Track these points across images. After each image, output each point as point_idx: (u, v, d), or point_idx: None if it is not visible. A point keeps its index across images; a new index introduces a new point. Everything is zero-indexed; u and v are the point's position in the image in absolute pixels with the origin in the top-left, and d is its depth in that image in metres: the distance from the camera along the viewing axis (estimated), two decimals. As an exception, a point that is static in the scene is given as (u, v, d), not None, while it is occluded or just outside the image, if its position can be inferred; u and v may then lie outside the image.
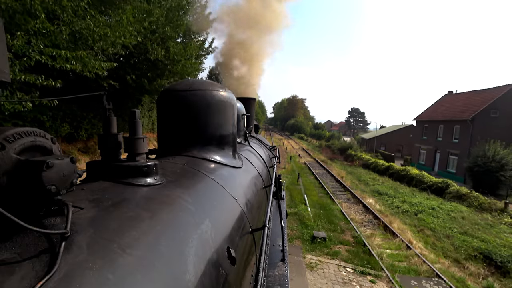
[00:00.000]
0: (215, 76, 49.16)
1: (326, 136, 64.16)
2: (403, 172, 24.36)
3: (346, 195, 17.76)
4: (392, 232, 11.78)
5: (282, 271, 3.24)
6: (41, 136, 0.97)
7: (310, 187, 18.45)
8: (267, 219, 2.27)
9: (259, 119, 64.01)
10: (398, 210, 15.76)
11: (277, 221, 4.38)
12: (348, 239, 10.72)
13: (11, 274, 0.63)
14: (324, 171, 25.71)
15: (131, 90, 12.84)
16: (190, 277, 1.05)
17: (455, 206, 16.25)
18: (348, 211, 14.40)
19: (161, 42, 11.88)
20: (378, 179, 24.24)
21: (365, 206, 15.23)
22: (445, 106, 33.89)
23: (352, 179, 23.11)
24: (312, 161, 31.94)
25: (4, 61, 0.93)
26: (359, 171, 28.05)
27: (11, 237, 0.74)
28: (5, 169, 0.83)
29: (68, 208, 0.84)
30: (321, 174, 23.91)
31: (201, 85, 2.37)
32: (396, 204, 16.67)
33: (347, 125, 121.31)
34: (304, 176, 21.89)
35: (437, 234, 12.70)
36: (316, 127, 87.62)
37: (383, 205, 16.41)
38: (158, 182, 1.39)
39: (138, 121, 1.43)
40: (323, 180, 21.25)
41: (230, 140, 2.57)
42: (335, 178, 22.36)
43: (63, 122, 10.27)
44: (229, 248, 1.49)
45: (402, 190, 20.47)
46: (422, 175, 22.35)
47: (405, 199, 17.50)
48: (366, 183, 22.34)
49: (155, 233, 1.02)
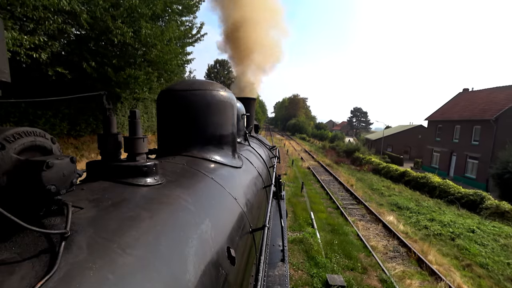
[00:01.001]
0: (214, 75, 48.79)
1: (328, 137, 62.13)
2: (423, 179, 20.69)
3: (360, 209, 14.59)
4: (430, 270, 8.68)
5: (282, 271, 3.24)
6: (41, 136, 0.97)
7: (316, 200, 15.31)
8: (267, 219, 2.27)
9: (259, 118, 62.83)
10: (428, 232, 12.24)
11: (277, 221, 4.39)
12: (374, 285, 7.79)
13: (11, 274, 0.63)
14: (331, 178, 22.40)
15: (90, 81, 10.35)
16: (190, 277, 1.05)
17: (500, 228, 12.63)
18: (366, 234, 11.39)
19: (129, 20, 9.46)
20: (393, 187, 20.70)
21: (385, 226, 12.15)
22: (462, 105, 30.71)
23: (364, 188, 19.80)
24: (316, 165, 28.70)
25: (4, 61, 0.93)
26: (369, 178, 24.38)
27: (11, 237, 0.74)
28: (5, 169, 0.83)
29: (68, 208, 0.84)
30: (328, 182, 20.70)
31: (201, 85, 2.38)
32: (423, 223, 13.18)
33: (349, 125, 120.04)
34: (308, 184, 19.02)
35: (494, 275, 8.93)
36: (318, 127, 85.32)
37: (407, 224, 13.14)
38: (158, 182, 1.39)
39: (138, 121, 1.43)
40: (330, 189, 18.19)
41: (230, 140, 2.57)
42: (344, 186, 19.14)
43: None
44: (229, 248, 1.49)
45: (425, 202, 16.74)
46: (447, 184, 18.76)
47: (432, 216, 14.00)
48: (380, 193, 18.82)
49: (155, 233, 1.02)
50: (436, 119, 33.30)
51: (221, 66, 50.29)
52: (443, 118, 31.87)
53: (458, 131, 29.14)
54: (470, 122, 27.16)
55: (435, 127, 33.60)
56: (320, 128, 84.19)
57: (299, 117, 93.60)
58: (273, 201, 4.71)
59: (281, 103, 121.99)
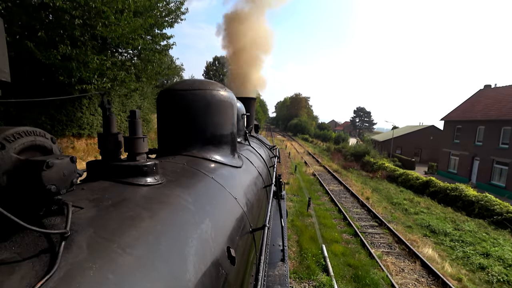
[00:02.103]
0: (213, 73, 48.36)
1: (332, 137, 59.15)
2: (454, 192, 16.83)
3: (385, 235, 11.22)
4: None
5: (282, 270, 3.24)
6: (41, 136, 0.98)
7: (327, 221, 12.10)
8: (267, 219, 2.27)
9: (259, 118, 61.65)
10: (489, 277, 8.61)
11: (277, 221, 4.39)
12: None
13: (11, 273, 0.63)
14: (341, 187, 19.00)
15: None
16: (190, 276, 1.05)
17: None
18: (403, 281, 8.07)
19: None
20: (417, 201, 17.11)
21: (425, 264, 8.80)
22: (485, 103, 27.38)
23: (382, 202, 16.44)
24: (322, 170, 25.31)
25: (4, 61, 0.93)
26: (385, 187, 20.86)
27: (11, 236, 0.74)
28: (5, 169, 0.83)
29: (68, 207, 0.84)
30: (338, 193, 17.36)
31: (201, 84, 2.38)
32: (476, 260, 9.58)
33: (352, 125, 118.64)
34: (315, 196, 15.96)
35: None
36: (321, 127, 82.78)
37: (453, 260, 9.65)
38: (158, 182, 1.40)
39: (138, 120, 1.43)
40: (342, 203, 14.96)
41: (230, 139, 2.57)
42: (358, 199, 15.80)
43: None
44: (229, 247, 1.49)
45: (465, 224, 13.03)
46: (488, 199, 14.82)
47: (485, 249, 10.32)
48: (403, 209, 15.26)
49: (155, 232, 1.03)
50: (454, 119, 29.72)
51: (220, 64, 49.16)
52: (463, 118, 28.38)
53: (482, 133, 25.67)
54: (497, 122, 23.69)
55: (453, 128, 29.97)
56: (322, 128, 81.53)
57: (301, 117, 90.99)
58: (273, 201, 4.71)
59: (283, 103, 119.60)
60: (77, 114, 13.71)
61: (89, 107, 14.33)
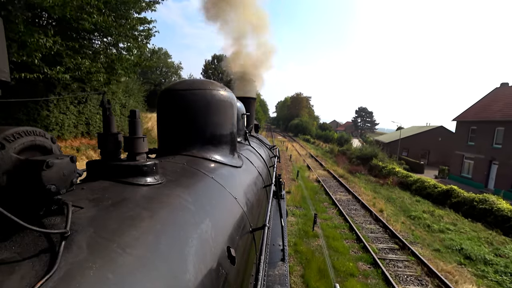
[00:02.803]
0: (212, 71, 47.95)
1: (334, 138, 56.73)
2: (482, 204, 14.27)
3: (410, 264, 9.02)
4: None
5: (282, 270, 3.24)
6: (40, 136, 0.98)
7: (337, 244, 10.00)
8: (267, 219, 2.27)
9: (259, 118, 61.06)
10: None
11: (277, 221, 4.39)
12: None
13: (11, 273, 0.63)
14: (349, 197, 16.83)
15: None
16: (190, 276, 1.05)
17: None
18: None
19: None
20: (438, 214, 14.71)
21: None
22: (504, 102, 25.22)
23: (398, 215, 14.19)
24: (326, 175, 23.10)
25: (4, 61, 0.93)
26: (398, 196, 18.58)
27: (11, 236, 0.74)
28: (5, 169, 0.83)
29: (68, 207, 0.84)
30: (346, 204, 15.21)
31: (201, 84, 2.38)
32: None
33: (354, 125, 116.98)
34: (321, 208, 14.08)
35: None
36: (323, 128, 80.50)
37: None
38: (158, 182, 1.40)
39: (138, 120, 1.43)
40: (353, 217, 12.89)
41: (230, 139, 2.57)
42: (370, 212, 13.71)
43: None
44: (229, 247, 1.49)
45: (506, 248, 10.66)
46: None
47: None
48: (425, 225, 12.98)
49: (155, 232, 1.03)
50: (468, 120, 27.32)
51: (219, 62, 49.15)
52: (479, 119, 26.11)
53: (501, 134, 23.45)
54: (519, 122, 21.55)
55: (466, 129, 27.48)
56: (324, 128, 79.46)
57: (302, 117, 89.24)
58: (273, 201, 4.71)
59: (283, 102, 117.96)
60: (42, 112, 11.72)
61: (58, 104, 12.08)
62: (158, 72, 44.45)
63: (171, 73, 46.57)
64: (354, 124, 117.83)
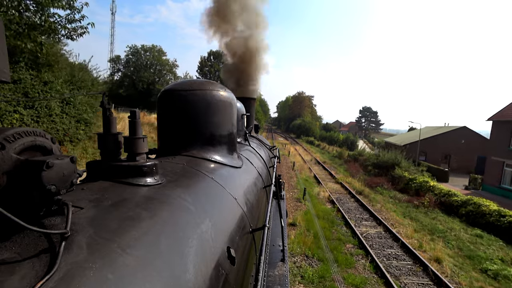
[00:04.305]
0: (208, 68, 46.69)
1: (340, 140, 52.18)
2: None
3: None
4: None
5: (282, 271, 3.24)
6: (41, 136, 0.98)
7: None
8: (267, 219, 2.28)
9: (259, 118, 59.46)
10: None
11: (277, 221, 4.39)
12: None
13: (11, 273, 0.63)
14: (379, 229, 11.63)
15: None
16: (190, 277, 1.05)
17: None
18: None
19: None
20: None
21: None
22: None
23: (468, 269, 9.09)
24: (340, 191, 18.01)
25: (4, 61, 0.94)
26: (445, 226, 13.30)
27: (11, 237, 0.74)
28: (5, 169, 0.83)
29: (68, 208, 0.84)
30: (379, 244, 10.21)
31: (201, 85, 2.39)
32: None
33: (358, 125, 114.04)
34: (343, 255, 9.10)
35: None
36: (327, 129, 75.64)
37: None
38: (158, 182, 1.40)
39: (138, 120, 1.44)
40: (398, 277, 8.05)
41: (230, 140, 2.57)
42: (422, 263, 8.64)
43: None
44: (229, 248, 1.49)
45: None
46: None
47: None
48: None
49: (155, 233, 1.03)
50: (510, 119, 22.11)
51: (216, 58, 46.54)
52: None
53: None
54: None
55: (507, 130, 22.40)
56: (328, 129, 74.35)
57: (305, 117, 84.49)
58: (273, 201, 4.72)
59: (285, 102, 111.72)
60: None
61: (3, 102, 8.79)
62: (152, 70, 42.74)
63: (166, 71, 44.73)
64: (358, 124, 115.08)
